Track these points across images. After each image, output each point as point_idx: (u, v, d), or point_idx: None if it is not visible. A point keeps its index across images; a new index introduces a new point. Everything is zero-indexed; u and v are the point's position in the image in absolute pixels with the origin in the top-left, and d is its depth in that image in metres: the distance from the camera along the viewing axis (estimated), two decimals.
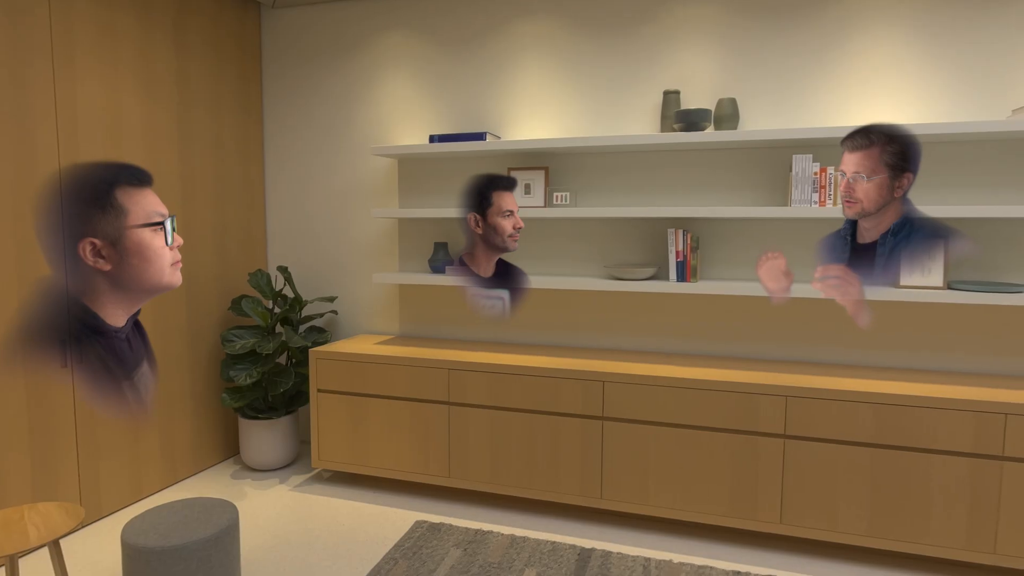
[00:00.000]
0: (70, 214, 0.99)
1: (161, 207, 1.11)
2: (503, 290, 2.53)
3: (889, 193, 1.85)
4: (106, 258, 1.02)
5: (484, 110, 3.01)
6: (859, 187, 1.87)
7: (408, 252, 3.18)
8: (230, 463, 3.21)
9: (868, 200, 1.87)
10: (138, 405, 1.15)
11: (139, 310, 1.16)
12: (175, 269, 1.12)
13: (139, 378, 1.10)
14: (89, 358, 1.01)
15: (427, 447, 2.75)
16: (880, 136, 1.84)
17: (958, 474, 2.13)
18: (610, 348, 2.91)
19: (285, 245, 3.41)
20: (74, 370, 1.12)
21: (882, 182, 1.85)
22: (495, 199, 2.38)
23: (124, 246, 1.03)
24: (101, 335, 1.04)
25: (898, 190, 1.85)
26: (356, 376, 2.82)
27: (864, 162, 1.86)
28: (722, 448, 2.36)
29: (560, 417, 2.55)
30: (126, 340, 1.09)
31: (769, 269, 2.29)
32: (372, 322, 3.29)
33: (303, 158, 3.33)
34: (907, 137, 1.85)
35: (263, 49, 3.35)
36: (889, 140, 1.82)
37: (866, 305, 2.41)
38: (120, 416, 2.34)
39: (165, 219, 1.10)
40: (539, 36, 2.90)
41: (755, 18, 2.61)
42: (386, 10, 3.12)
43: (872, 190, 1.86)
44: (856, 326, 2.58)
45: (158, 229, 1.08)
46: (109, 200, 1.01)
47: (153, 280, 1.07)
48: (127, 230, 1.03)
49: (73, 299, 1.04)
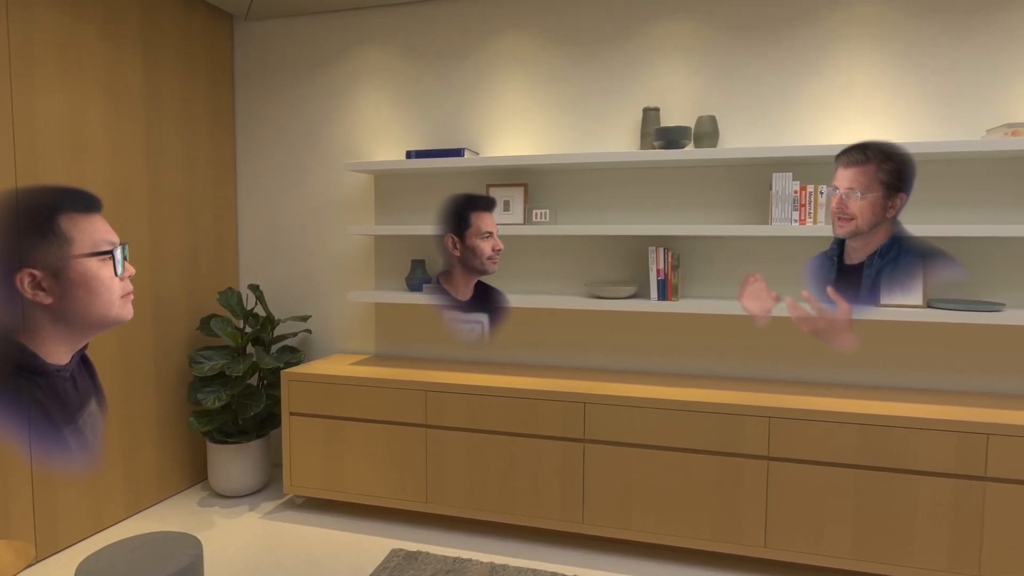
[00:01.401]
0: (5, 243, 0.91)
1: (111, 235, 1.02)
2: (482, 313, 2.46)
3: (882, 212, 1.84)
4: (47, 290, 0.94)
5: (462, 126, 2.96)
6: (853, 203, 1.85)
7: (384, 270, 3.11)
8: (198, 489, 3.08)
9: (862, 218, 1.85)
10: (84, 453, 1.05)
11: (86, 344, 1.07)
12: (126, 302, 1.03)
13: (85, 420, 1.02)
14: (23, 403, 0.92)
15: (403, 471, 2.66)
16: (877, 153, 1.83)
17: (941, 495, 2.11)
18: (591, 367, 2.86)
19: (257, 263, 3.32)
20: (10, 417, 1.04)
21: (876, 200, 1.83)
22: (474, 220, 2.31)
23: (68, 277, 0.94)
24: (41, 375, 0.96)
25: (891, 210, 1.83)
26: (330, 398, 2.73)
27: (859, 178, 1.84)
28: (706, 471, 2.32)
29: (540, 440, 2.49)
30: (70, 379, 1.01)
31: (753, 292, 2.26)
32: (347, 342, 3.20)
33: (277, 173, 3.25)
34: (904, 156, 1.84)
35: (235, 62, 3.27)
36: (886, 157, 1.81)
37: (850, 330, 2.40)
38: (64, 468, 2.21)
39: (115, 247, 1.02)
40: (518, 51, 2.87)
41: (735, 36, 2.61)
42: (362, 24, 3.07)
43: (866, 208, 1.84)
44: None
45: (106, 258, 1.00)
46: (51, 227, 0.92)
47: (100, 314, 0.99)
48: (71, 260, 0.94)
49: (7, 337, 0.95)
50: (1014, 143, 2.14)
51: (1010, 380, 2.41)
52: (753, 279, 2.24)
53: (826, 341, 2.46)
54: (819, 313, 2.03)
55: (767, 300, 2.23)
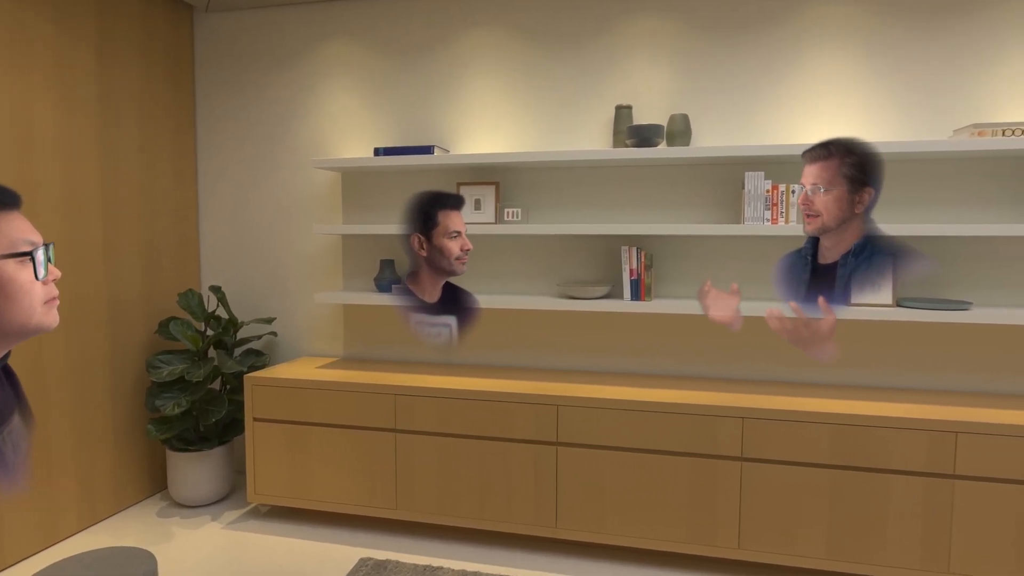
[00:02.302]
0: None
1: (32, 234, 0.93)
2: (450, 316, 2.38)
3: (849, 208, 1.82)
4: None
5: (432, 123, 2.90)
6: (818, 199, 1.84)
7: (352, 270, 3.03)
8: (157, 499, 2.96)
9: (828, 214, 1.83)
10: (5, 473, 0.95)
11: (7, 354, 0.98)
12: (49, 308, 0.94)
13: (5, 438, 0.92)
14: None
15: (372, 478, 2.59)
16: (839, 148, 1.82)
17: (912, 494, 2.12)
18: (564, 368, 2.82)
19: (220, 263, 3.20)
20: None
21: (840, 195, 1.82)
22: (441, 218, 2.22)
23: None
24: None
25: (858, 205, 1.82)
26: (296, 403, 2.64)
27: (822, 174, 1.83)
28: (680, 472, 2.29)
29: (513, 443, 2.44)
30: None
31: (713, 300, 2.25)
32: (314, 344, 3.11)
33: (240, 171, 3.15)
34: (867, 150, 1.83)
35: (196, 55, 3.16)
36: (848, 152, 1.80)
37: (833, 341, 2.40)
38: None
39: (36, 248, 0.92)
40: (489, 47, 2.82)
41: (706, 34, 2.60)
42: (328, 17, 2.98)
43: (831, 203, 1.82)
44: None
45: (25, 260, 0.91)
46: None
47: (19, 321, 0.89)
48: None
49: None
50: (980, 143, 2.16)
51: (977, 378, 2.44)
52: (706, 289, 2.23)
53: (808, 351, 2.46)
54: (804, 324, 2.01)
55: (730, 301, 2.22)
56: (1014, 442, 2.04)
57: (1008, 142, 2.14)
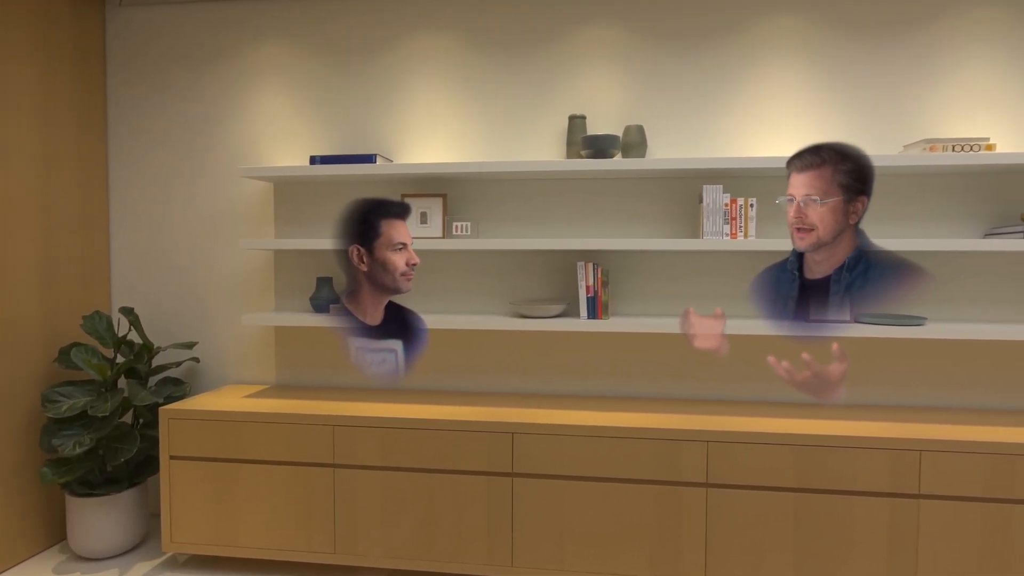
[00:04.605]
0: None
1: None
2: (395, 340, 2.14)
3: (844, 219, 1.72)
4: None
5: (374, 130, 2.71)
6: (812, 211, 1.72)
7: (286, 289, 2.78)
8: (55, 552, 2.59)
9: (824, 227, 1.72)
10: None
11: None
12: None
13: None
14: None
15: (309, 518, 2.33)
16: (832, 154, 1.71)
17: (877, 515, 2.06)
18: (519, 392, 2.66)
19: (134, 282, 2.88)
20: None
21: (836, 205, 1.71)
22: (384, 229, 2.00)
23: None
24: None
25: (852, 216, 1.72)
26: (220, 437, 2.36)
27: (816, 182, 1.70)
28: (643, 501, 2.16)
29: (464, 475, 2.25)
30: None
31: (698, 327, 2.08)
32: (242, 371, 2.83)
33: (159, 180, 2.85)
34: (860, 155, 1.73)
35: (108, 53, 2.85)
36: (842, 158, 1.70)
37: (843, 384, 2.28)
38: None
39: None
40: (435, 52, 2.66)
41: (661, 44, 2.53)
42: (260, 15, 2.75)
43: (827, 215, 1.71)
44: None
45: None
46: None
47: None
48: None
49: None
50: (931, 158, 2.16)
51: (936, 393, 2.43)
52: (688, 315, 2.06)
53: (818, 397, 2.33)
54: (815, 373, 1.87)
55: (714, 326, 2.08)
56: (976, 459, 2.01)
57: (960, 157, 2.15)
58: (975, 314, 2.40)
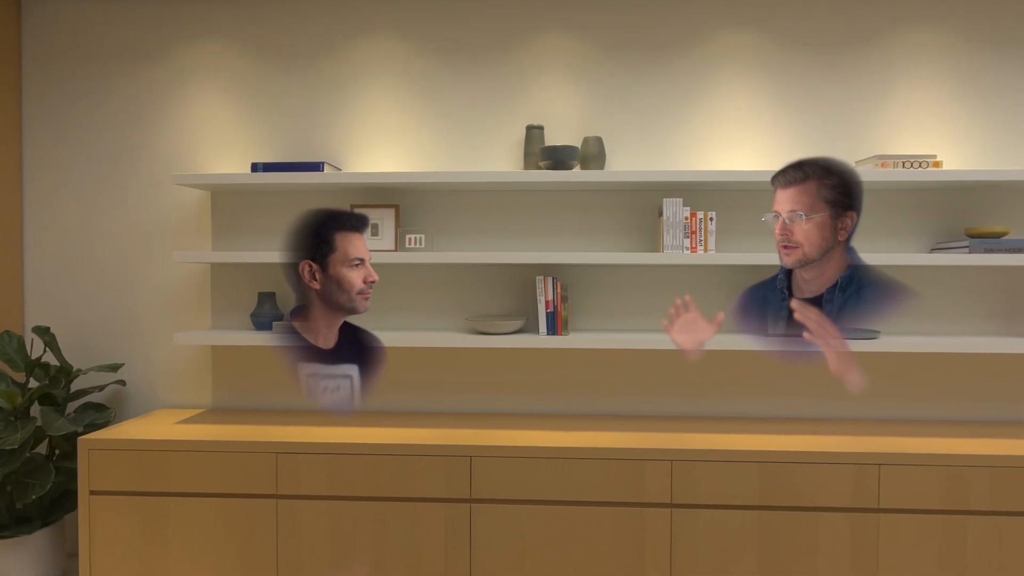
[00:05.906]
0: None
1: None
2: (350, 365, 1.98)
3: (832, 236, 1.70)
4: None
5: (321, 137, 2.57)
6: (798, 228, 1.69)
7: (224, 305, 2.59)
8: None
9: (809, 244, 1.69)
10: None
11: None
12: None
13: None
14: None
15: (248, 555, 2.14)
16: (815, 168, 1.68)
17: (839, 530, 2.05)
18: (476, 412, 2.55)
19: (51, 299, 2.63)
20: None
21: (823, 221, 1.68)
22: (339, 243, 1.84)
23: None
24: None
25: (841, 232, 1.70)
26: (148, 468, 2.15)
27: (800, 198, 1.68)
28: (606, 524, 2.08)
29: (419, 503, 2.12)
30: None
31: (684, 324, 2.00)
32: (174, 394, 2.61)
33: (81, 189, 2.62)
34: (846, 170, 1.71)
35: (24, 50, 2.61)
36: (826, 173, 1.68)
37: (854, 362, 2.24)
38: None
39: None
40: (386, 57, 2.55)
41: (618, 55, 2.50)
42: (196, 13, 2.58)
43: (813, 231, 1.68)
44: (734, 375, 2.47)
45: None
46: None
47: None
48: None
49: None
50: (883, 174, 2.19)
51: (892, 406, 2.46)
52: (680, 310, 1.97)
53: (843, 379, 2.30)
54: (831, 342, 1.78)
55: (704, 331, 2.00)
56: (932, 471, 2.03)
57: (909, 174, 2.19)
58: (925, 327, 2.45)
